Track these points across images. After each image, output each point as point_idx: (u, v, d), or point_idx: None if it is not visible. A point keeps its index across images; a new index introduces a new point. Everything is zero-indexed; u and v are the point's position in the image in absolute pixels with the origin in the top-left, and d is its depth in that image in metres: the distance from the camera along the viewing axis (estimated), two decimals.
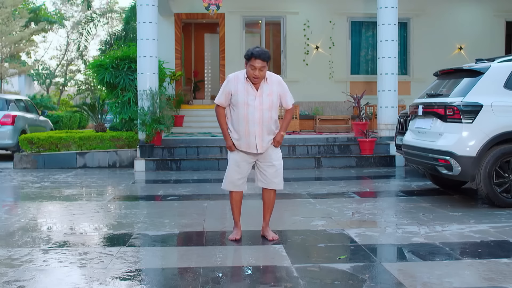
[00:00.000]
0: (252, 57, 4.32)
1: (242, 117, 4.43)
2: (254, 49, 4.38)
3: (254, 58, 4.31)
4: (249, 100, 4.41)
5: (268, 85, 4.47)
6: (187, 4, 13.53)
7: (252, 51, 4.35)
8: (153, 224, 5.28)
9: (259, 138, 4.46)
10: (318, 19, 13.87)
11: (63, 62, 32.77)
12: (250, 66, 4.36)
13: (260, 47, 4.44)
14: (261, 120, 4.44)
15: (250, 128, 4.43)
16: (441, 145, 6.02)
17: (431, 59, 13.56)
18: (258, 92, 4.43)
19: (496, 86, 5.96)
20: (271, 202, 4.68)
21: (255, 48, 4.41)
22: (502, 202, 5.91)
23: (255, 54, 4.31)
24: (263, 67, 4.35)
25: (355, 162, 10.13)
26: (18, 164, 10.44)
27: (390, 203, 6.56)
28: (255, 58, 4.31)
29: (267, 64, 4.39)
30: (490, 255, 4.11)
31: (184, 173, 9.44)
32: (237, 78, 4.48)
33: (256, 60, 4.31)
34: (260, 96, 4.42)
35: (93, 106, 12.11)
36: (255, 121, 4.42)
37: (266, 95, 4.44)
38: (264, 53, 4.35)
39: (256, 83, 4.42)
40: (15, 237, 4.79)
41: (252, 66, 4.34)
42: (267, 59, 4.37)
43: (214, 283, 3.54)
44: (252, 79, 4.38)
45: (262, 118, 4.44)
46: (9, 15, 21.51)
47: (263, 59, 4.32)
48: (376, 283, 3.53)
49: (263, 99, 4.43)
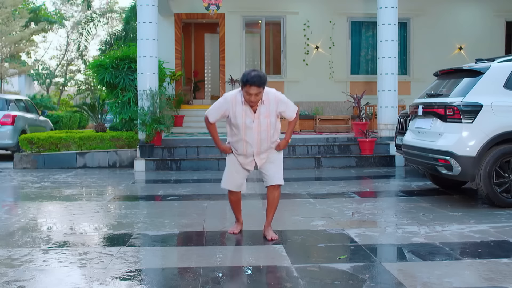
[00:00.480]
0: (247, 84, 4.21)
1: (241, 138, 4.48)
2: (250, 74, 4.22)
3: (249, 85, 4.20)
4: (247, 122, 4.40)
5: (266, 106, 4.39)
6: (187, 4, 13.53)
7: (247, 78, 4.21)
8: (153, 224, 5.28)
9: (257, 157, 4.54)
10: (318, 19, 13.87)
11: (63, 62, 32.78)
12: (245, 91, 4.27)
13: (256, 71, 4.27)
14: (259, 142, 4.47)
15: (248, 149, 4.50)
16: (441, 145, 6.02)
17: (431, 59, 13.56)
18: (256, 114, 4.39)
19: (496, 86, 5.96)
20: (275, 201, 4.66)
21: (251, 72, 4.24)
22: (502, 202, 5.91)
23: (250, 81, 4.19)
24: (259, 92, 4.26)
25: (355, 162, 10.13)
26: (18, 164, 10.44)
27: (390, 203, 6.56)
28: (250, 85, 4.20)
29: (263, 88, 4.28)
30: (490, 255, 4.11)
31: (184, 173, 9.44)
32: (235, 100, 4.39)
33: (251, 87, 4.21)
34: (257, 119, 4.39)
35: (93, 106, 12.10)
36: (254, 142, 4.46)
37: (264, 117, 4.40)
38: (259, 79, 4.21)
39: (253, 106, 4.38)
40: (15, 237, 4.79)
41: (247, 92, 4.25)
42: (263, 84, 4.24)
43: (214, 283, 3.54)
44: (249, 103, 4.34)
45: (260, 140, 4.46)
46: (9, 15, 21.51)
47: (258, 86, 4.21)
48: (376, 283, 3.53)
49: (260, 121, 4.40)
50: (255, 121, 4.39)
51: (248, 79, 4.20)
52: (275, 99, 4.44)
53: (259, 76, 4.22)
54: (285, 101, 4.50)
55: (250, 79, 4.19)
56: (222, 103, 4.44)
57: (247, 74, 4.24)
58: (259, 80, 4.21)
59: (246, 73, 4.25)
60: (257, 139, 4.45)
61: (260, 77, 4.22)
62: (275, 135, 4.56)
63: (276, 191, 4.63)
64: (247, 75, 4.22)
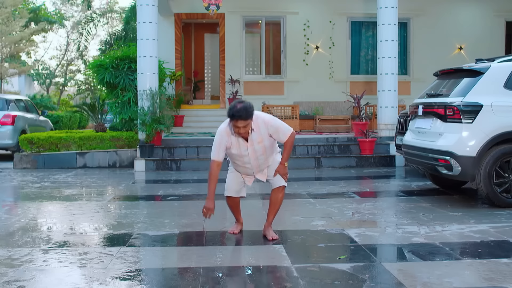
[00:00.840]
0: (234, 118, 4.16)
1: (239, 165, 4.56)
2: (235, 107, 4.14)
3: (236, 120, 4.15)
4: (242, 151, 4.41)
5: (256, 133, 4.35)
6: (187, 4, 13.53)
7: (233, 113, 4.13)
8: (153, 224, 5.28)
9: (258, 175, 4.64)
10: (318, 19, 13.87)
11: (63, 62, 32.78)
12: (233, 125, 4.23)
13: (242, 104, 4.17)
14: (258, 165, 4.53)
15: (248, 172, 4.61)
16: (441, 145, 6.02)
17: (431, 59, 13.57)
18: (249, 143, 4.37)
19: (496, 86, 5.96)
20: (278, 202, 4.65)
21: (236, 106, 4.16)
22: (502, 202, 5.91)
23: (236, 116, 4.12)
24: (246, 124, 4.21)
25: (355, 162, 10.13)
26: (18, 164, 10.44)
27: (390, 203, 6.56)
28: (237, 119, 4.15)
29: (251, 119, 4.21)
30: (490, 255, 4.11)
31: (184, 173, 9.44)
32: (227, 132, 4.36)
33: (238, 121, 4.16)
34: (251, 146, 4.38)
35: (93, 106, 12.10)
36: (253, 167, 4.52)
37: (257, 143, 4.38)
38: (245, 112, 4.13)
39: (244, 135, 4.35)
40: (15, 237, 4.79)
41: (235, 125, 4.21)
42: (250, 116, 4.17)
43: (214, 283, 3.55)
44: (238, 135, 4.32)
45: (258, 164, 4.52)
46: (9, 15, 21.50)
47: (245, 119, 4.15)
48: (376, 283, 3.53)
49: (255, 148, 4.39)
50: (250, 149, 4.39)
51: (233, 113, 4.14)
52: (264, 124, 4.37)
53: (244, 109, 4.13)
54: (274, 124, 4.41)
55: (235, 113, 4.13)
56: (220, 139, 4.39)
57: (233, 108, 4.16)
58: (245, 113, 4.14)
59: (232, 107, 4.17)
60: (255, 164, 4.51)
61: (246, 110, 4.13)
62: (273, 152, 4.58)
63: (280, 192, 4.63)
64: (232, 109, 4.15)
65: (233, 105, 4.20)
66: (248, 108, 4.16)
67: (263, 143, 4.40)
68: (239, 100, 4.28)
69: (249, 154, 4.41)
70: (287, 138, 4.43)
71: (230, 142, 4.39)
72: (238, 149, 4.40)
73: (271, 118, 4.44)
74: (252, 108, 4.22)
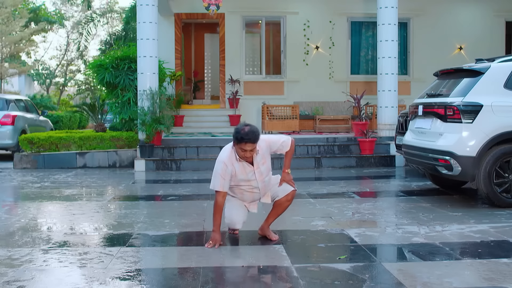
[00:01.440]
0: (243, 141, 4.09)
1: (246, 191, 4.46)
2: (244, 131, 4.08)
3: (245, 143, 4.10)
4: (249, 176, 4.35)
5: (260, 155, 4.33)
6: (187, 4, 13.53)
7: (242, 136, 4.07)
8: (153, 224, 5.28)
9: (264, 198, 4.58)
10: (318, 19, 13.87)
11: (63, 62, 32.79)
12: (240, 148, 4.16)
13: (249, 126, 4.13)
14: (264, 187, 4.48)
15: (255, 197, 4.53)
16: (441, 145, 6.02)
17: (431, 59, 13.57)
18: (254, 165, 4.32)
19: (496, 86, 5.96)
20: (284, 208, 4.64)
21: (243, 129, 4.10)
22: (502, 202, 5.91)
23: (246, 139, 4.08)
24: (254, 148, 4.17)
25: (355, 162, 10.13)
26: (18, 164, 10.44)
27: (390, 203, 6.56)
28: (246, 142, 4.09)
29: (257, 142, 4.17)
30: (490, 255, 4.11)
31: (184, 173, 9.44)
32: (231, 160, 4.28)
33: (247, 144, 4.11)
34: (257, 169, 4.34)
35: (93, 106, 12.11)
36: (260, 190, 4.47)
37: (262, 164, 4.36)
38: (254, 135, 4.09)
39: (249, 159, 4.30)
40: (15, 237, 4.79)
41: (242, 149, 4.15)
42: (257, 140, 4.14)
43: (214, 283, 3.55)
44: (244, 159, 4.26)
45: (264, 185, 4.47)
46: (9, 15, 21.51)
47: (253, 142, 4.12)
48: (376, 283, 3.53)
49: (260, 170, 4.36)
50: (256, 172, 4.35)
51: (243, 136, 4.08)
52: (265, 143, 4.37)
53: (253, 132, 4.10)
54: (274, 139, 4.44)
55: (245, 136, 4.08)
56: (225, 169, 4.26)
57: (241, 131, 4.10)
58: (254, 136, 4.11)
59: (240, 130, 4.11)
60: (262, 186, 4.46)
61: (254, 133, 4.11)
62: (270, 171, 4.55)
63: (291, 199, 4.61)
64: (241, 133, 4.09)
65: (240, 128, 4.13)
66: (256, 131, 4.14)
67: (266, 164, 4.39)
68: (244, 123, 4.21)
69: (257, 178, 4.36)
70: (290, 147, 4.49)
71: (235, 169, 4.30)
72: (245, 175, 4.33)
73: (269, 136, 4.52)
74: (259, 131, 4.20)
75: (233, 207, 4.56)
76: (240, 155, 4.24)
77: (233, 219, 4.55)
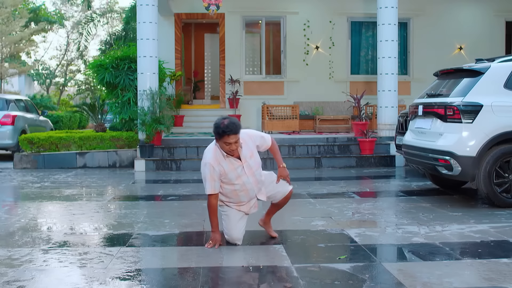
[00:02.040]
0: (225, 134, 4.04)
1: (240, 190, 4.35)
2: (223, 123, 4.03)
3: (228, 135, 4.04)
4: (238, 171, 4.27)
5: (245, 148, 4.28)
6: (187, 4, 13.53)
7: (224, 129, 4.02)
8: (153, 224, 5.28)
9: (259, 195, 4.51)
10: (318, 19, 13.87)
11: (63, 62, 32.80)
12: (224, 142, 4.10)
13: (227, 119, 4.08)
14: (256, 182, 4.39)
15: (251, 194, 4.43)
16: (441, 145, 6.02)
17: (431, 59, 13.57)
18: (242, 159, 4.27)
19: (496, 86, 5.96)
20: (283, 205, 4.69)
21: (222, 121, 4.05)
22: (502, 202, 5.91)
23: (227, 131, 4.02)
24: (237, 139, 4.11)
25: (355, 162, 10.13)
26: (18, 164, 10.44)
27: (390, 203, 6.56)
28: (228, 134, 4.04)
29: (239, 133, 4.12)
30: (490, 255, 4.11)
31: (184, 173, 9.44)
32: (217, 160, 4.21)
33: (229, 136, 4.05)
34: (245, 162, 4.28)
35: (93, 106, 12.11)
36: (253, 185, 4.37)
37: (249, 158, 4.30)
38: (234, 126, 4.05)
39: (235, 153, 4.23)
40: (15, 237, 4.79)
41: (226, 142, 4.09)
42: (239, 130, 4.10)
43: (214, 283, 3.55)
44: (230, 152, 4.19)
45: (256, 180, 4.39)
46: (9, 15, 21.51)
47: (235, 133, 4.06)
48: (376, 283, 3.53)
49: (249, 163, 4.30)
50: (245, 166, 4.28)
51: (224, 130, 4.03)
52: (248, 137, 4.34)
53: (233, 123, 4.06)
54: (256, 134, 4.44)
55: (226, 129, 4.03)
56: (212, 171, 4.20)
57: (221, 125, 4.05)
58: (235, 127, 4.06)
59: (219, 124, 4.06)
60: (254, 181, 4.36)
61: (234, 124, 4.06)
62: (260, 166, 4.49)
63: (290, 197, 4.66)
64: (221, 127, 4.04)
65: (219, 122, 4.07)
66: (235, 121, 4.10)
67: (254, 157, 4.34)
68: (222, 117, 4.15)
69: (246, 172, 4.29)
70: (271, 142, 4.52)
71: (223, 168, 4.22)
72: (234, 171, 4.25)
73: (250, 130, 4.49)
74: (239, 122, 4.16)
75: (231, 222, 4.45)
76: (225, 150, 4.17)
77: (233, 236, 4.47)
